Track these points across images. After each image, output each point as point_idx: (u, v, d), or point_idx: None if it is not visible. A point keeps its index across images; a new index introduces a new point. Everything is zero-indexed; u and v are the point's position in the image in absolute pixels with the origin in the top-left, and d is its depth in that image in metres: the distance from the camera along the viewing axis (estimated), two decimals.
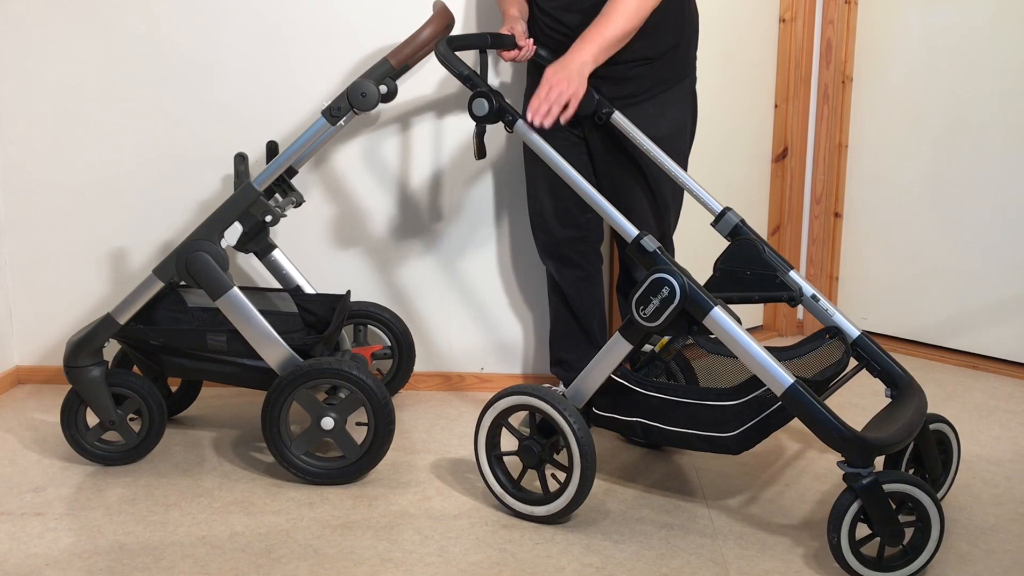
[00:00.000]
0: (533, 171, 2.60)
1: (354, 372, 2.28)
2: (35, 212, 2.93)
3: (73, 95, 2.85)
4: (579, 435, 2.08)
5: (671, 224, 2.58)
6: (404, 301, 2.97)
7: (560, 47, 2.31)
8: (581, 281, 2.65)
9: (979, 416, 2.81)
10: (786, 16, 3.35)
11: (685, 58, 2.45)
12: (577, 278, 2.64)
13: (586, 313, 2.67)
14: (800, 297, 2.19)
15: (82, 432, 2.45)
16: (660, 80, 2.41)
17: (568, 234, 2.59)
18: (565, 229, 2.58)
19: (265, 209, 2.38)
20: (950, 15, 3.13)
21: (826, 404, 1.90)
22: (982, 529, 2.16)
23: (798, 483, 2.39)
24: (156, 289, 2.37)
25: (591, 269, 2.65)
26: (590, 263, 2.64)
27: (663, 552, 2.06)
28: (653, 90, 2.41)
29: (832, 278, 3.52)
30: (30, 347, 3.04)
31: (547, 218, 2.59)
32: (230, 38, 2.81)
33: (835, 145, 3.42)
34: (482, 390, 3.00)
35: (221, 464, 2.48)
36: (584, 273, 2.64)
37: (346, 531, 2.15)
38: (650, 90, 2.41)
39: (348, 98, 2.30)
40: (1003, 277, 3.13)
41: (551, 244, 2.63)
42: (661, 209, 2.51)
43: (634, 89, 2.40)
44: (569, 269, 2.63)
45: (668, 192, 2.48)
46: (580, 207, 2.52)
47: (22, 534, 2.13)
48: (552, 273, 2.67)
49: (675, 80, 2.43)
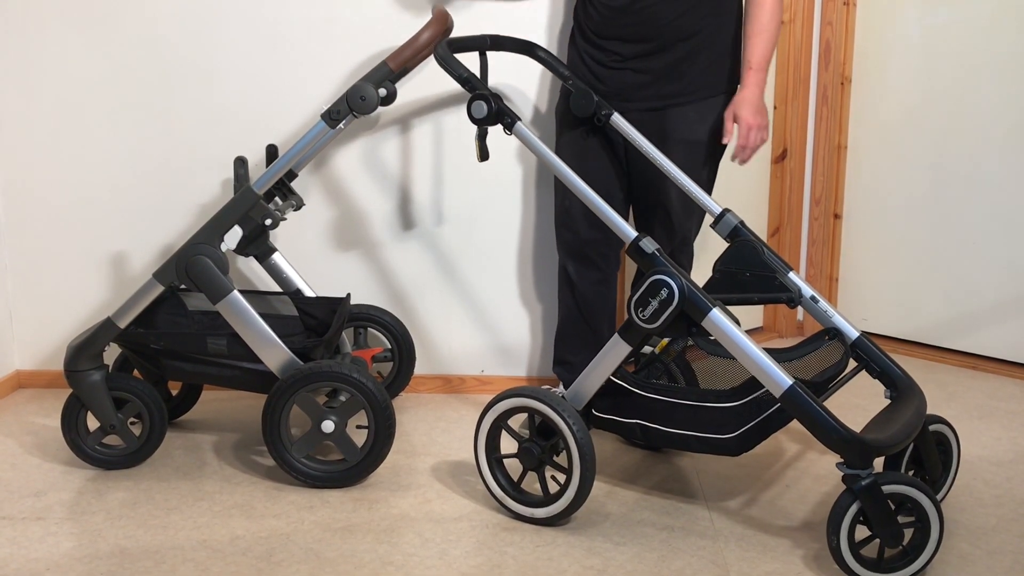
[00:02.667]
0: None
1: (354, 375, 2.28)
2: (35, 216, 2.94)
3: (73, 99, 2.86)
4: (578, 437, 2.08)
5: (692, 228, 2.59)
6: (404, 304, 2.97)
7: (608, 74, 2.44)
8: (598, 284, 2.64)
9: (979, 417, 2.81)
10: (785, 17, 3.35)
11: (732, 66, 2.46)
12: (595, 280, 2.63)
13: (597, 316, 2.66)
14: (799, 298, 2.19)
15: (83, 436, 2.45)
16: (706, 84, 2.43)
17: (593, 235, 2.57)
18: (591, 230, 2.56)
19: (265, 213, 2.38)
20: (949, 16, 3.14)
21: (825, 405, 1.90)
22: (983, 530, 2.16)
23: (798, 484, 2.39)
24: (156, 293, 2.38)
25: (609, 272, 2.65)
26: (609, 266, 2.64)
27: (664, 554, 2.06)
28: (698, 94, 2.43)
29: (831, 279, 3.52)
30: (31, 351, 3.04)
31: (575, 217, 2.58)
32: (230, 42, 2.81)
33: (834, 146, 3.42)
34: (482, 393, 3.00)
35: (222, 468, 2.49)
36: (602, 275, 2.64)
37: (347, 534, 2.15)
38: (695, 92, 2.43)
39: (347, 101, 2.30)
40: (1002, 277, 3.13)
41: (575, 243, 2.61)
42: (685, 211, 2.52)
43: (682, 88, 2.42)
44: (589, 270, 2.62)
45: None
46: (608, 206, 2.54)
47: (23, 538, 2.13)
48: (570, 273, 2.65)
49: (720, 90, 2.45)
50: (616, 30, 2.41)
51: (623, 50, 2.42)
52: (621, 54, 2.42)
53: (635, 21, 2.37)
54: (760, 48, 2.36)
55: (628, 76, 2.43)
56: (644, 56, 2.41)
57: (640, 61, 2.41)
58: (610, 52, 2.44)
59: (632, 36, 2.39)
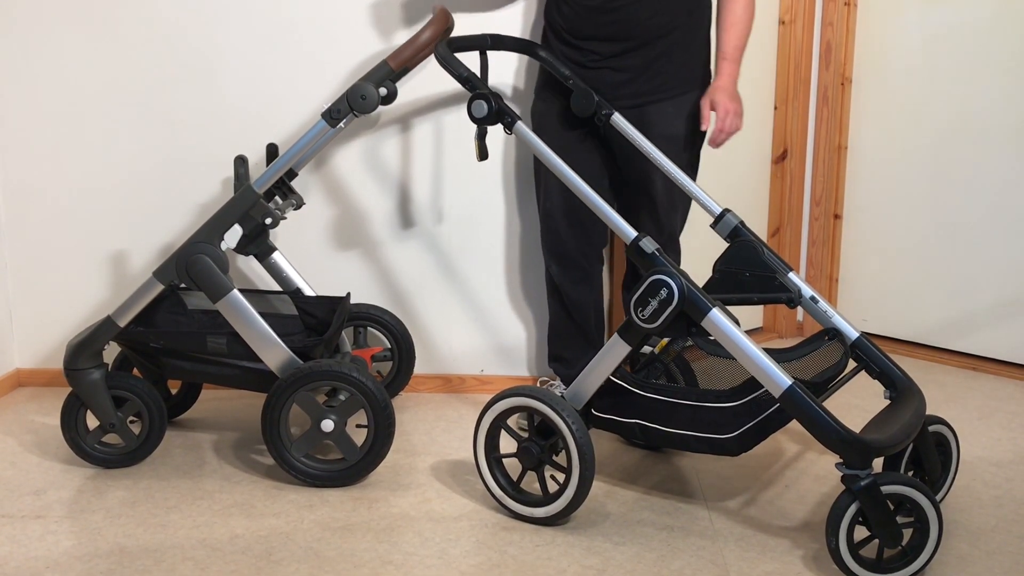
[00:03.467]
0: (545, 171, 2.61)
1: (354, 374, 2.28)
2: (35, 214, 2.94)
3: (73, 98, 2.86)
4: (577, 436, 2.08)
5: (678, 224, 2.61)
6: (404, 303, 2.97)
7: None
8: (580, 283, 2.66)
9: (979, 417, 2.81)
10: (785, 18, 3.35)
11: (703, 62, 2.50)
12: (576, 280, 2.66)
13: (583, 314, 2.69)
14: (799, 299, 2.19)
15: (82, 435, 2.45)
16: (682, 80, 2.46)
17: (575, 234, 2.60)
18: (572, 229, 2.60)
19: (265, 211, 2.38)
20: (949, 16, 3.14)
21: (824, 406, 1.90)
22: (983, 530, 2.16)
23: (798, 484, 2.39)
24: (156, 291, 2.38)
25: (591, 271, 2.67)
26: (591, 265, 2.66)
27: (663, 554, 2.06)
28: (676, 89, 2.46)
29: (832, 280, 3.52)
30: (30, 350, 3.04)
31: (556, 217, 2.61)
32: (230, 41, 2.81)
33: (835, 147, 3.42)
34: (482, 392, 3.00)
35: (221, 467, 2.49)
36: (584, 275, 2.66)
37: (346, 533, 2.15)
38: (673, 88, 2.45)
39: (348, 100, 2.30)
40: (1003, 278, 3.13)
41: (558, 244, 2.64)
42: (671, 206, 2.55)
43: (659, 84, 2.43)
44: (571, 271, 2.65)
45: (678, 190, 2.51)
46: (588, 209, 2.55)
47: (22, 537, 2.13)
48: (553, 275, 2.68)
49: (696, 85, 2.48)
50: (592, 29, 2.42)
51: (601, 49, 2.42)
52: (599, 53, 2.43)
53: (611, 20, 2.38)
54: (734, 39, 2.39)
55: (607, 75, 2.44)
56: (622, 55, 2.42)
57: (618, 60, 2.43)
58: (588, 52, 2.45)
59: (608, 35, 2.40)
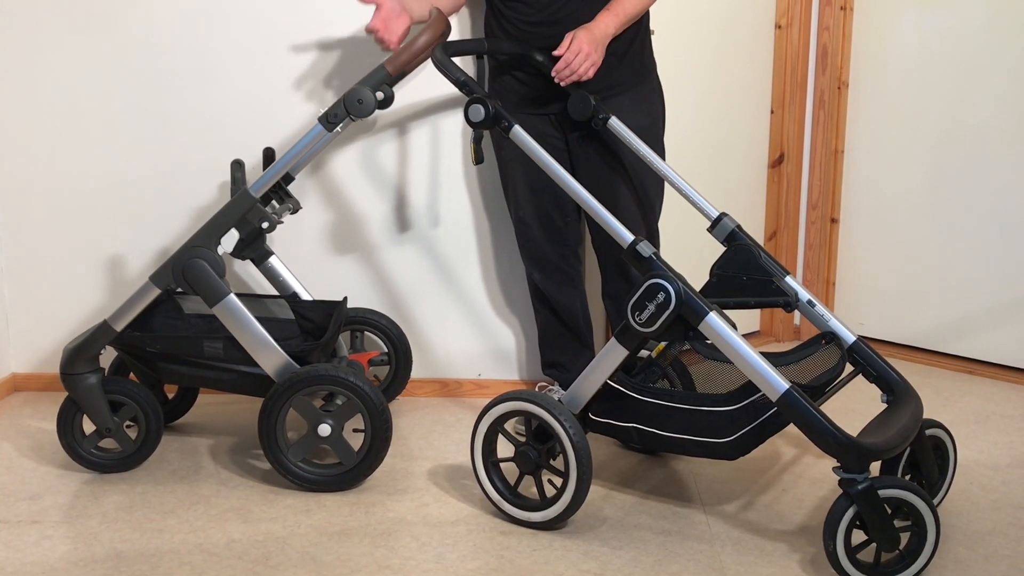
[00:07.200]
0: (513, 179, 2.63)
1: (351, 379, 2.28)
2: (31, 218, 2.93)
3: (70, 101, 2.85)
4: (575, 440, 2.08)
5: (656, 217, 2.62)
6: (401, 307, 2.97)
7: None
8: (564, 285, 2.68)
9: (976, 421, 2.81)
10: (782, 22, 3.35)
11: (649, 52, 2.54)
12: (560, 282, 2.68)
13: (572, 315, 2.70)
14: (796, 302, 2.19)
15: (79, 439, 2.45)
16: (633, 72, 2.49)
17: (549, 238, 2.63)
18: (546, 233, 2.62)
19: (262, 216, 2.38)
20: (945, 20, 3.14)
21: (821, 409, 1.90)
22: (980, 534, 2.16)
23: (795, 488, 2.39)
24: (153, 296, 2.37)
25: (572, 272, 2.69)
26: (571, 266, 2.69)
27: (661, 558, 2.06)
28: (628, 82, 2.48)
29: (828, 283, 3.52)
30: (26, 354, 3.03)
31: (530, 225, 2.63)
32: (227, 45, 2.81)
33: (831, 150, 3.42)
34: (479, 396, 3.00)
35: (218, 471, 2.48)
36: (566, 277, 2.68)
37: (343, 538, 2.14)
38: (625, 82, 2.47)
39: (345, 105, 2.30)
40: (1000, 282, 3.13)
41: (535, 250, 2.66)
42: (645, 204, 2.55)
43: (611, 83, 2.44)
44: (553, 274, 2.67)
45: (650, 186, 2.54)
46: (559, 211, 2.58)
47: (18, 542, 2.13)
48: (536, 281, 2.70)
49: (645, 74, 2.52)
50: (538, 42, 2.42)
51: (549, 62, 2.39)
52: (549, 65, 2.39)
53: (554, 33, 2.33)
54: (624, 2, 2.34)
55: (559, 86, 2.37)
56: None
57: None
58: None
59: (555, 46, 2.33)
